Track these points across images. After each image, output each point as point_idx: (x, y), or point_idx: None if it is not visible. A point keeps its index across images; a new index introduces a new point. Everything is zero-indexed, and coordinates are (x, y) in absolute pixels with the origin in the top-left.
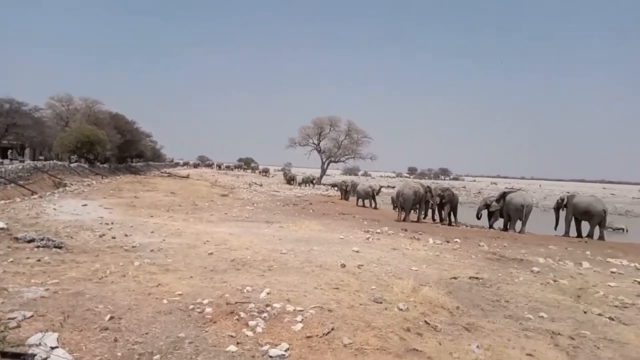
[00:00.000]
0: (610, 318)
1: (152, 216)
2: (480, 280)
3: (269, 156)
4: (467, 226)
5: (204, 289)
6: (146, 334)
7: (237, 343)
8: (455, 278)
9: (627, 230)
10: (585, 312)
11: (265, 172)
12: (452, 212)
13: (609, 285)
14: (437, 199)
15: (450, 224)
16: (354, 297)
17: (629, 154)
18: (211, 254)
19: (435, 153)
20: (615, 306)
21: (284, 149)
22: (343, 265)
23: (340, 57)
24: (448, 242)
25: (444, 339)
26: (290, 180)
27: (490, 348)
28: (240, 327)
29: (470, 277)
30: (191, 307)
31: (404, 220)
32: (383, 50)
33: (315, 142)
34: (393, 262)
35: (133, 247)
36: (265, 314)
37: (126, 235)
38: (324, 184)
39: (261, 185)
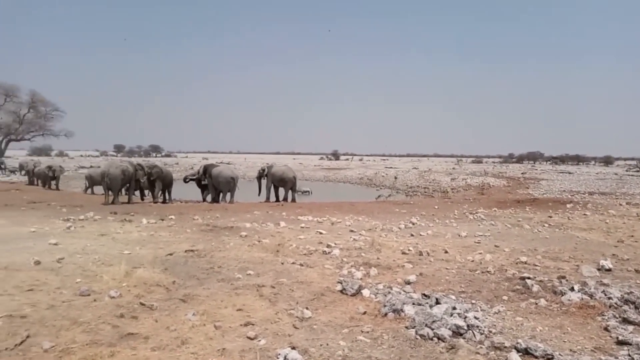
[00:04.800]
0: (301, 264)
1: None
2: (196, 252)
3: None
4: (182, 202)
5: None
6: None
7: None
8: (171, 254)
9: (311, 192)
10: (282, 264)
11: None
12: (166, 190)
13: (300, 238)
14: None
15: (164, 201)
16: (54, 296)
17: (308, 129)
18: None
19: (145, 129)
20: (304, 254)
21: None
22: (38, 262)
23: None
24: (163, 219)
25: (160, 315)
26: None
27: (205, 312)
28: None
29: (186, 251)
30: None
31: (113, 202)
32: None
33: None
34: (102, 250)
35: None
36: None
37: None
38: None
39: None
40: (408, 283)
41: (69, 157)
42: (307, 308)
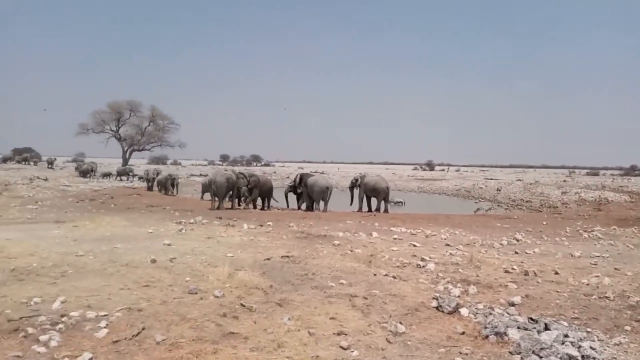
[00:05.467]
0: (394, 277)
1: None
2: (291, 258)
3: (53, 145)
4: (278, 209)
5: None
6: None
7: None
8: (268, 259)
9: (404, 203)
10: (375, 275)
11: (50, 163)
12: (266, 197)
13: (392, 250)
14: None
15: (262, 208)
16: (166, 292)
17: (404, 140)
18: None
19: (247, 140)
20: (397, 266)
21: (74, 137)
22: (153, 261)
23: None
24: (262, 225)
25: (258, 317)
26: (85, 172)
27: (299, 318)
28: (28, 344)
29: (282, 256)
30: None
31: (218, 208)
32: None
33: (114, 128)
34: (208, 251)
35: None
36: (60, 326)
37: None
38: (136, 175)
39: (46, 180)
40: (512, 304)
41: (182, 166)
42: (400, 322)
